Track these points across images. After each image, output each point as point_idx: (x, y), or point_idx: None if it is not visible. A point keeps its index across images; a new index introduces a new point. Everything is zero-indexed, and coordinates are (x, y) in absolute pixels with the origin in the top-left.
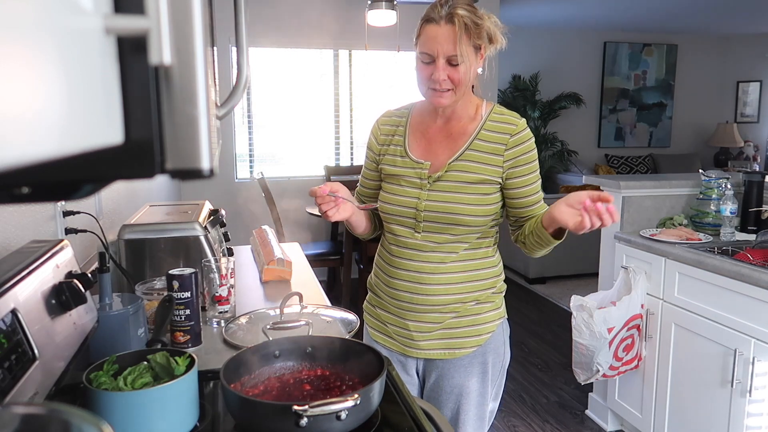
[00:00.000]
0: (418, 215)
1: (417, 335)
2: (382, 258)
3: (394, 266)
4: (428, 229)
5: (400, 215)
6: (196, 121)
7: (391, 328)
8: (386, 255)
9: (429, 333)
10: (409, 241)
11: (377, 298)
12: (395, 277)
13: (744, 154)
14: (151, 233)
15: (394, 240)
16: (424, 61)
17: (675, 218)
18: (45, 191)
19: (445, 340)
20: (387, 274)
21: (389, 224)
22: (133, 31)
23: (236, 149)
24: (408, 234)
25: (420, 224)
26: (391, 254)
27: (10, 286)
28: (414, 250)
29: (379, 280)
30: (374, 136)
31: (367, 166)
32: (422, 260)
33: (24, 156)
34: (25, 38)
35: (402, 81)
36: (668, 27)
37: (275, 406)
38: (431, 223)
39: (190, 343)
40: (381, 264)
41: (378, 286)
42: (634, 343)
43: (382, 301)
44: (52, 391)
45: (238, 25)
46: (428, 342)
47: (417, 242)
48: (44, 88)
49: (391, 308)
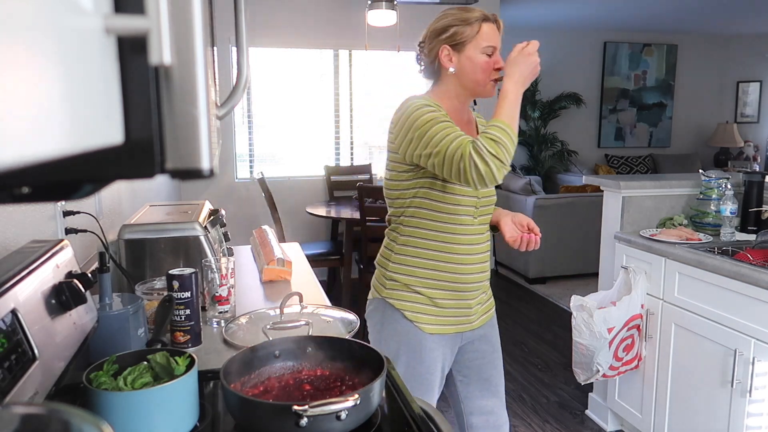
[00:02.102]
0: (478, 202)
1: (476, 309)
2: (440, 250)
3: (462, 253)
4: (482, 213)
5: (468, 204)
6: (196, 121)
7: (450, 311)
8: (448, 246)
9: (482, 305)
10: (471, 228)
11: (431, 290)
12: (463, 263)
13: (744, 154)
14: (151, 233)
15: (460, 230)
16: (488, 54)
17: (675, 218)
18: (45, 191)
19: (484, 305)
20: (452, 262)
21: (458, 215)
22: (133, 31)
23: (236, 149)
24: (470, 221)
25: (478, 210)
26: (457, 243)
27: (10, 286)
28: (475, 235)
29: (435, 271)
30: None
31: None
32: (481, 242)
33: (24, 156)
34: (25, 38)
35: (402, 81)
36: (668, 27)
37: (275, 406)
38: (484, 207)
39: (190, 343)
40: (439, 256)
41: (432, 277)
42: (634, 343)
43: (439, 291)
44: (52, 391)
45: (238, 25)
46: (479, 314)
47: (475, 227)
48: (44, 88)
49: (454, 293)
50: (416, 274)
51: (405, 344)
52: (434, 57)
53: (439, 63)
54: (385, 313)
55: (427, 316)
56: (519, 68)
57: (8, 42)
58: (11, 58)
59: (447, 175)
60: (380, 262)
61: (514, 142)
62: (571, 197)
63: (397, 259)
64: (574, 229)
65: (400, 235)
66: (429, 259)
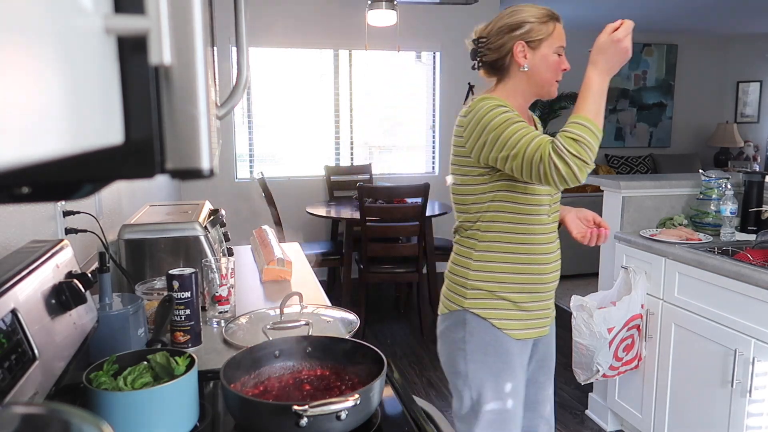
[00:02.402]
0: (551, 199)
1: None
2: (522, 252)
3: (541, 252)
4: (554, 210)
5: (545, 203)
6: (196, 121)
7: (533, 314)
8: (529, 246)
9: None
10: (547, 227)
11: (516, 294)
12: (543, 262)
13: (744, 154)
14: (151, 233)
15: (539, 229)
16: (560, 54)
17: (675, 218)
18: (45, 191)
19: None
20: (534, 263)
21: (537, 215)
22: (133, 31)
23: (236, 149)
24: (546, 220)
25: (551, 207)
26: (538, 243)
27: (10, 286)
28: (551, 233)
29: (519, 274)
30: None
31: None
32: (554, 240)
33: (24, 156)
34: (25, 38)
35: (402, 81)
36: (668, 27)
37: (275, 406)
38: (555, 204)
39: (190, 343)
40: (522, 258)
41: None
42: (634, 343)
43: (524, 295)
44: (52, 391)
45: (238, 25)
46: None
47: (550, 225)
48: (44, 88)
49: (536, 295)
50: (500, 280)
51: (494, 354)
52: (506, 53)
53: (511, 59)
54: (470, 325)
55: (513, 321)
56: (606, 55)
57: (8, 42)
58: (11, 57)
59: (527, 178)
60: (456, 272)
61: (598, 138)
62: (571, 197)
63: (478, 266)
64: None
65: (479, 242)
66: (512, 262)
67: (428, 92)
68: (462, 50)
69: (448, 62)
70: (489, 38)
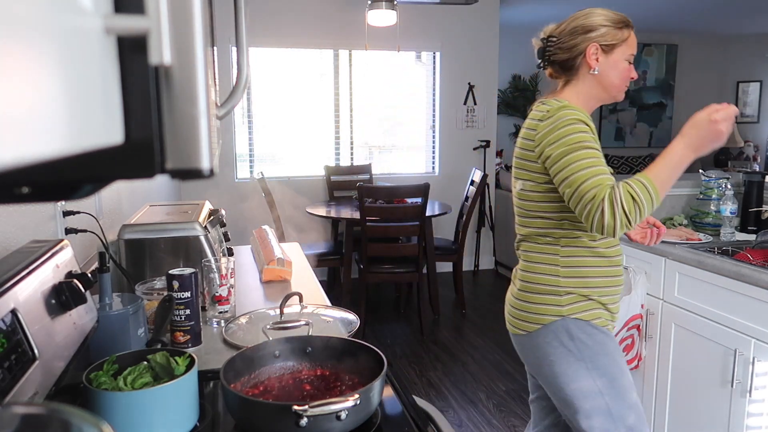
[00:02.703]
0: None
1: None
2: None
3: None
4: None
5: None
6: (196, 121)
7: (615, 315)
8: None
9: None
10: None
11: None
12: (619, 264)
13: (744, 154)
14: (151, 233)
15: None
16: (630, 62)
17: (675, 218)
18: (45, 191)
19: None
20: (613, 265)
21: None
22: (133, 31)
23: (236, 149)
24: None
25: None
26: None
27: (10, 286)
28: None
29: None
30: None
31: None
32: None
33: (24, 156)
34: (25, 38)
35: (402, 81)
36: (668, 27)
37: (275, 406)
38: None
39: (190, 343)
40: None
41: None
42: (634, 343)
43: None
44: (52, 391)
45: (238, 25)
46: None
47: None
48: (44, 88)
49: (616, 296)
50: (590, 284)
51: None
52: (578, 54)
53: (582, 61)
54: (573, 332)
55: (606, 321)
56: (698, 132)
57: (8, 42)
58: (11, 58)
59: (570, 205)
60: (542, 281)
61: (652, 207)
62: None
63: (568, 272)
64: None
65: (562, 247)
66: (596, 266)
67: (428, 92)
68: (462, 50)
69: (448, 62)
70: (561, 38)
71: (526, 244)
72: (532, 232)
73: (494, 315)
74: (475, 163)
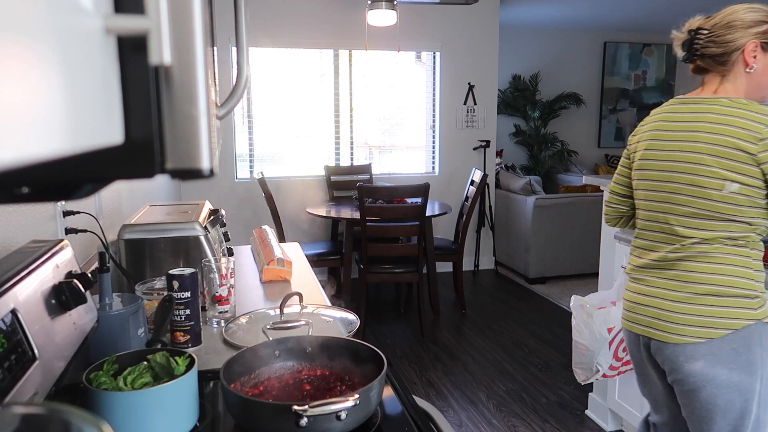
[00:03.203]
0: None
1: None
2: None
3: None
4: None
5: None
6: (196, 121)
7: None
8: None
9: None
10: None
11: None
12: None
13: None
14: (151, 233)
15: None
16: None
17: None
18: (45, 191)
19: None
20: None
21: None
22: (133, 31)
23: (236, 149)
24: None
25: None
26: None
27: (10, 286)
28: None
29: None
30: None
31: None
32: None
33: (24, 156)
34: (25, 38)
35: (402, 81)
36: (668, 27)
37: (275, 406)
38: None
39: (190, 343)
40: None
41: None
42: None
43: None
44: (52, 391)
45: (238, 25)
46: None
47: None
48: (44, 88)
49: None
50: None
51: None
52: (735, 49)
53: (738, 57)
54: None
55: None
56: None
57: (8, 42)
58: (11, 58)
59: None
60: (734, 284)
61: None
62: (571, 197)
63: (759, 276)
64: (574, 229)
65: (752, 249)
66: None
67: (428, 92)
68: (462, 50)
69: (448, 62)
70: (714, 31)
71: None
72: (719, 236)
73: (494, 315)
74: (475, 163)
